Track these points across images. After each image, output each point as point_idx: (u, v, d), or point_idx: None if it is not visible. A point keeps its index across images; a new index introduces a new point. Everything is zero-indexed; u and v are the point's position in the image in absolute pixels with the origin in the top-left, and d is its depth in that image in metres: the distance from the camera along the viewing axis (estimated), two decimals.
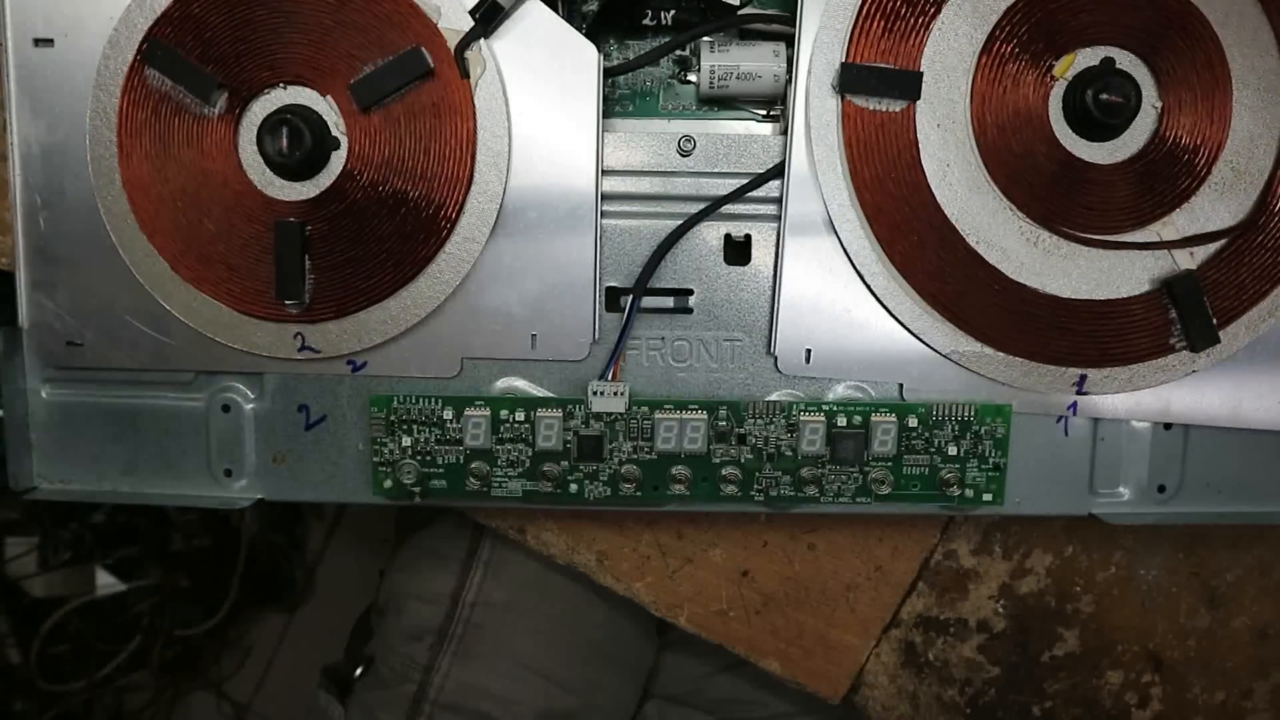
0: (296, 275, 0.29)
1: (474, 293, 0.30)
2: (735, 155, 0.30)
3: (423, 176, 0.29)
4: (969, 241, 0.30)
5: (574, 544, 0.35)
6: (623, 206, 0.31)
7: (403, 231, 0.29)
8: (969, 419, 0.30)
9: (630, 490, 0.30)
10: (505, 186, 0.30)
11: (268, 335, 0.30)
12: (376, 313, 0.30)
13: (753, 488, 0.31)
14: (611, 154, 0.30)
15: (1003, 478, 0.31)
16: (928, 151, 0.29)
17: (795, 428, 0.30)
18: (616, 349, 0.30)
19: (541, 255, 0.30)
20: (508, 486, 0.31)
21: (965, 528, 0.36)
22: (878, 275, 0.30)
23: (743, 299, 0.31)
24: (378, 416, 0.30)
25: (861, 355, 0.31)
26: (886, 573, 0.35)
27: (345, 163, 0.29)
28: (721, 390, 0.31)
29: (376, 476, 0.31)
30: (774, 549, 0.35)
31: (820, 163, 0.29)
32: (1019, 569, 0.36)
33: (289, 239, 0.29)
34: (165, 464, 0.32)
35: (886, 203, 0.29)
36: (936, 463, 0.31)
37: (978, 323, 0.30)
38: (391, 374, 0.31)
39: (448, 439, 0.30)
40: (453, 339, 0.31)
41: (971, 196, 0.29)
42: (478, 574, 0.37)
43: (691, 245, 0.31)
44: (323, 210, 0.29)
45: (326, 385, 0.31)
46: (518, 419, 0.30)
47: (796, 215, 0.30)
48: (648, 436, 0.30)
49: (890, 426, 0.30)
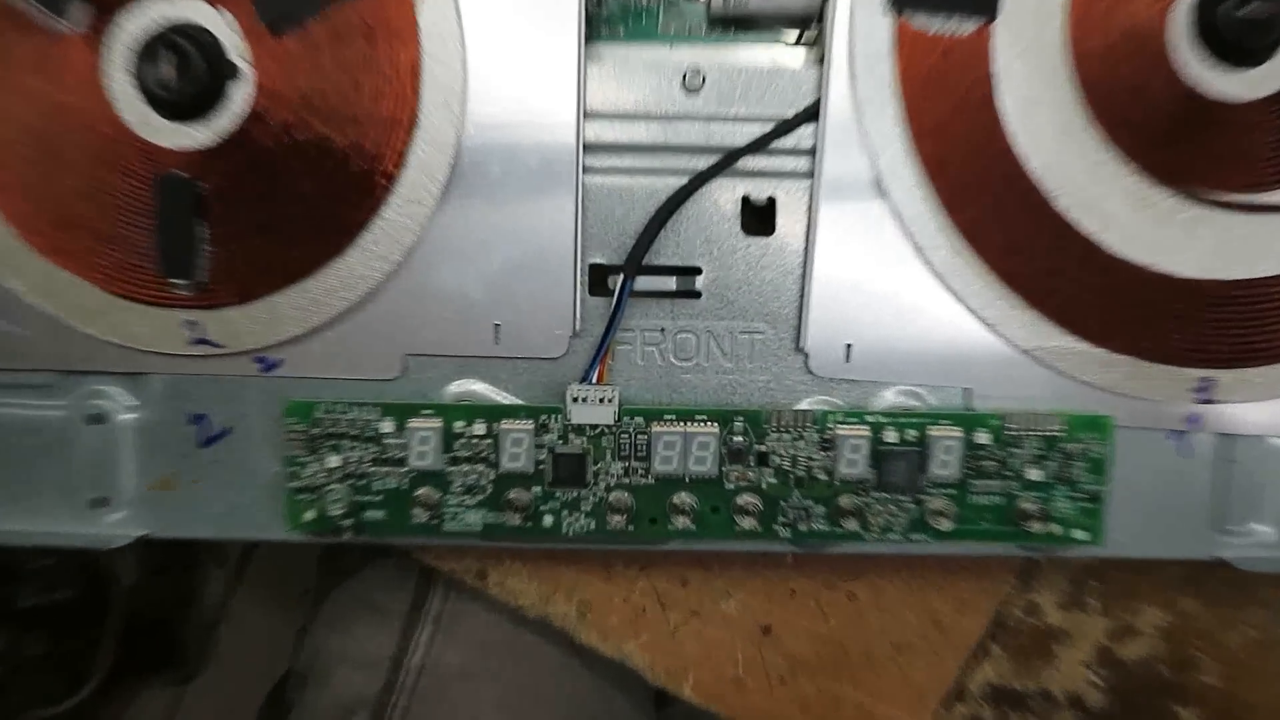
0: (187, 246, 0.31)
1: (420, 270, 0.32)
2: (756, 93, 0.32)
3: (352, 119, 0.31)
4: (1059, 204, 0.31)
5: (549, 592, 0.37)
6: (611, 160, 0.32)
7: (327, 190, 0.31)
8: (1057, 434, 0.32)
9: (620, 524, 0.32)
10: (460, 133, 0.31)
11: (150, 324, 0.32)
12: (294, 295, 0.32)
13: (777, 521, 0.32)
14: (597, 91, 0.32)
15: (1101, 510, 0.32)
16: (1007, 87, 0.31)
17: (832, 444, 0.32)
18: (603, 343, 0.32)
19: (507, 222, 0.31)
20: (464, 519, 0.32)
21: (1051, 575, 0.38)
22: (939, 249, 0.31)
23: (765, 279, 0.33)
24: (296, 429, 0.32)
25: (917, 352, 0.32)
26: (948, 631, 0.37)
27: (250, 99, 0.30)
28: (737, 396, 0.33)
29: (294, 507, 0.32)
30: (804, 599, 0.37)
31: (867, 103, 0.31)
32: (1122, 628, 0.38)
33: (176, 199, 0.30)
34: (13, 493, 0.33)
35: (952, 154, 0.31)
36: (1014, 490, 0.32)
37: (1069, 310, 0.32)
38: (314, 375, 0.33)
39: (387, 458, 0.32)
40: (393, 330, 0.32)
41: (1064, 145, 0.31)
42: (425, 632, 0.39)
43: (700, 210, 0.32)
44: (221, 162, 0.31)
45: (229, 389, 0.33)
46: (476, 433, 0.32)
47: (835, 171, 0.31)
48: (643, 455, 0.32)
49: (954, 443, 0.32)
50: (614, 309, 0.32)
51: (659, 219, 0.32)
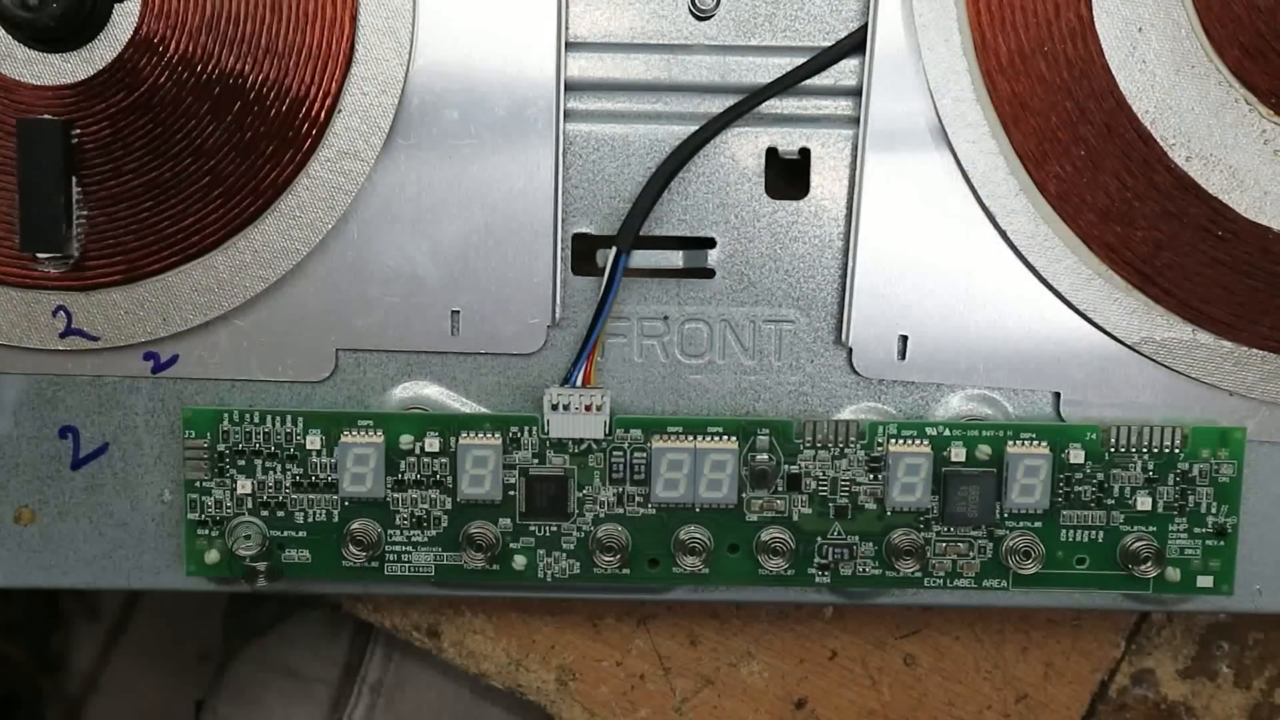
0: (56, 211, 0.31)
1: (358, 243, 0.32)
2: (784, 17, 0.32)
3: (270, 49, 0.31)
4: (1174, 157, 0.32)
5: (519, 655, 0.38)
6: (600, 103, 0.33)
7: (238, 140, 0.32)
8: (1173, 451, 0.33)
9: (613, 566, 0.33)
10: (408, 68, 0.32)
11: (8, 311, 0.32)
12: (194, 274, 0.32)
13: (813, 563, 0.33)
14: (582, 15, 0.32)
15: (1231, 549, 0.33)
16: (1105, 5, 0.31)
17: (882, 465, 0.33)
18: (591, 335, 0.33)
19: (467, 182, 0.32)
20: (412, 561, 0.33)
21: (1169, 633, 0.38)
22: (1018, 214, 0.32)
23: (796, 254, 0.33)
24: (196, 445, 0.33)
25: (990, 346, 0.33)
26: (1035, 705, 0.38)
27: (138, 23, 0.31)
28: (762, 403, 0.34)
29: (193, 545, 0.33)
30: (848, 664, 0.37)
31: (926, 29, 0.32)
32: (1264, 703, 0.38)
33: (42, 149, 0.31)
34: None
35: (1035, 95, 0.31)
36: (1118, 523, 0.33)
37: (1187, 292, 0.32)
38: (219, 376, 0.33)
39: (313, 482, 0.33)
40: (322, 318, 0.33)
41: (1180, 82, 0.31)
42: (360, 706, 0.39)
43: (713, 167, 0.33)
44: (100, 102, 0.31)
45: (109, 394, 0.34)
46: (429, 449, 0.32)
47: (884, 117, 0.32)
48: (641, 479, 0.33)
49: (1040, 463, 0.32)
50: (604, 291, 0.32)
51: (661, 177, 0.32)
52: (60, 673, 0.63)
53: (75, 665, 0.64)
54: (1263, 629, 0.38)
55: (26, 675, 0.62)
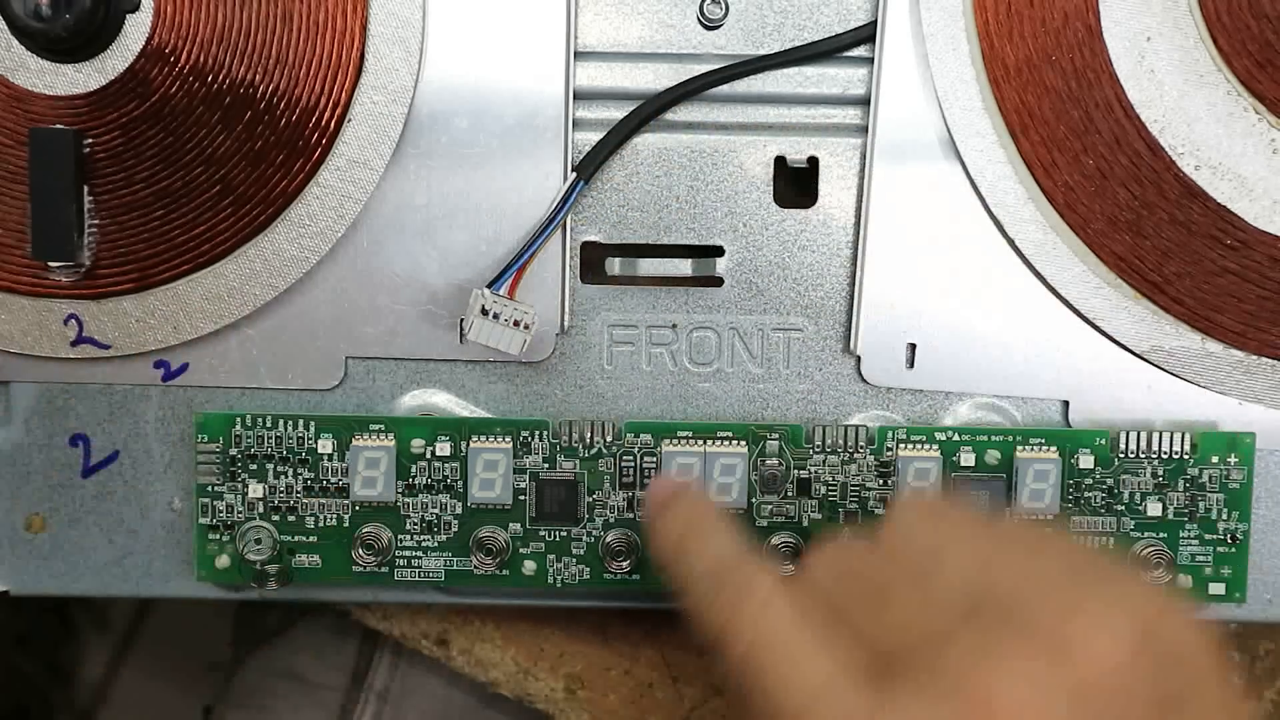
0: (68, 220, 0.31)
1: (367, 251, 0.33)
2: (791, 27, 0.33)
3: (281, 60, 0.32)
4: (1182, 166, 0.32)
5: (529, 664, 0.38)
6: (609, 112, 0.33)
7: (249, 149, 0.32)
8: (1182, 457, 0.33)
9: (623, 572, 0.33)
10: (418, 78, 0.32)
11: (20, 319, 0.33)
12: (204, 282, 0.33)
13: None
14: (591, 25, 0.33)
15: (1243, 556, 0.33)
16: (1113, 15, 0.31)
17: (892, 470, 0.33)
18: (530, 248, 0.32)
19: (476, 191, 0.32)
20: (422, 566, 0.33)
21: None
22: (1026, 223, 0.32)
23: (804, 262, 0.34)
24: (207, 450, 0.33)
25: (999, 355, 0.33)
26: None
27: (150, 34, 0.31)
28: (770, 411, 0.34)
29: (203, 551, 0.33)
30: None
31: (934, 38, 0.32)
32: (1275, 715, 0.38)
33: (54, 159, 0.31)
34: None
35: (1044, 103, 0.32)
36: (1127, 530, 0.33)
37: (1196, 301, 0.32)
38: (230, 384, 0.33)
39: (324, 487, 0.33)
40: (331, 326, 0.33)
41: (1188, 91, 0.32)
42: (367, 713, 0.39)
43: (722, 175, 0.33)
44: (112, 112, 0.32)
45: (120, 402, 0.34)
46: (439, 454, 0.33)
47: (893, 126, 0.32)
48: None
49: (1048, 469, 0.32)
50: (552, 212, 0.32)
51: (636, 118, 0.32)
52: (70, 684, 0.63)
53: (85, 677, 0.64)
54: (1273, 640, 0.38)
55: (37, 687, 0.62)
